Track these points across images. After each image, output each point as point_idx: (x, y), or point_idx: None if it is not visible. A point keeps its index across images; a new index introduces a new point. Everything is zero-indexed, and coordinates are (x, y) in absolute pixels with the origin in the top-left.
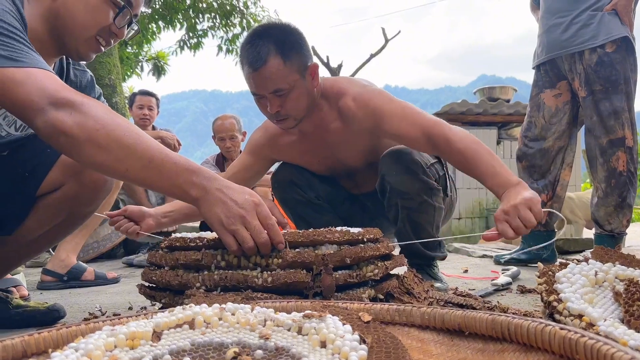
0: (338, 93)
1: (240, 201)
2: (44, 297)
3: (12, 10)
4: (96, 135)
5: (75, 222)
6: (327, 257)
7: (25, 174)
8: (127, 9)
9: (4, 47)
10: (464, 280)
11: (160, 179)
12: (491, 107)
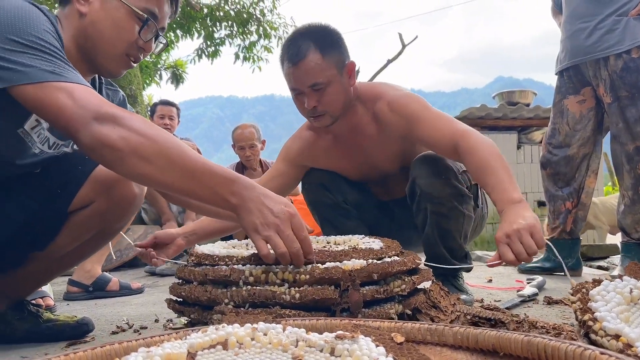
0: (374, 97)
1: (276, 210)
2: (70, 308)
3: (53, 31)
4: (140, 147)
5: (105, 238)
6: (354, 272)
7: (57, 191)
8: (151, 21)
9: (47, 63)
10: (488, 290)
11: (201, 189)
12: (511, 112)
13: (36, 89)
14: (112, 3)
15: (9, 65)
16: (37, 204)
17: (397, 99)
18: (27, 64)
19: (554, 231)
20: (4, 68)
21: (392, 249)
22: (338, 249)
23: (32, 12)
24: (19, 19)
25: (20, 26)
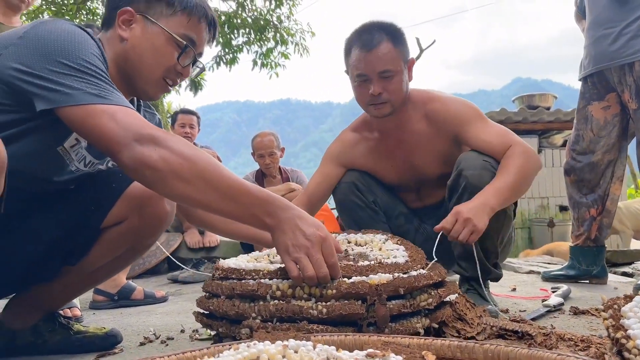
0: (428, 98)
1: (308, 233)
2: (96, 317)
3: (99, 54)
4: (180, 169)
5: (136, 254)
6: (381, 287)
7: (91, 208)
8: (189, 48)
9: (93, 86)
10: (513, 300)
11: (238, 209)
12: (531, 115)
13: (81, 110)
14: (152, 29)
15: (57, 87)
16: (72, 220)
17: (454, 100)
18: (74, 87)
19: (579, 239)
20: (52, 90)
21: (417, 261)
22: (364, 265)
23: (81, 37)
24: (69, 43)
25: (70, 50)
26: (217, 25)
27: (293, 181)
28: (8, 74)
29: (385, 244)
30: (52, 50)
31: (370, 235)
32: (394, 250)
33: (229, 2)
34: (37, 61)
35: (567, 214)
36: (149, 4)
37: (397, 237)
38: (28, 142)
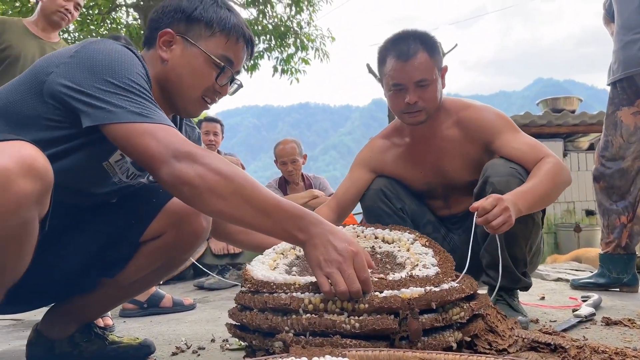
0: (462, 106)
1: (339, 248)
2: (127, 326)
3: (144, 74)
4: (216, 185)
5: (171, 268)
6: (413, 301)
7: (131, 222)
8: (227, 68)
9: (137, 105)
10: (542, 309)
11: (271, 225)
12: (555, 119)
13: (124, 128)
14: (192, 51)
15: (103, 104)
16: (112, 233)
17: (488, 109)
18: (119, 105)
19: (608, 246)
20: (97, 107)
21: (447, 274)
22: (395, 279)
23: (127, 56)
24: (117, 62)
25: (117, 69)
26: (254, 43)
27: (316, 188)
28: (58, 91)
29: (414, 245)
30: (101, 69)
31: (398, 233)
32: (422, 254)
33: (249, 10)
34: (85, 79)
35: (593, 218)
36: (188, 25)
37: (425, 237)
38: (75, 158)
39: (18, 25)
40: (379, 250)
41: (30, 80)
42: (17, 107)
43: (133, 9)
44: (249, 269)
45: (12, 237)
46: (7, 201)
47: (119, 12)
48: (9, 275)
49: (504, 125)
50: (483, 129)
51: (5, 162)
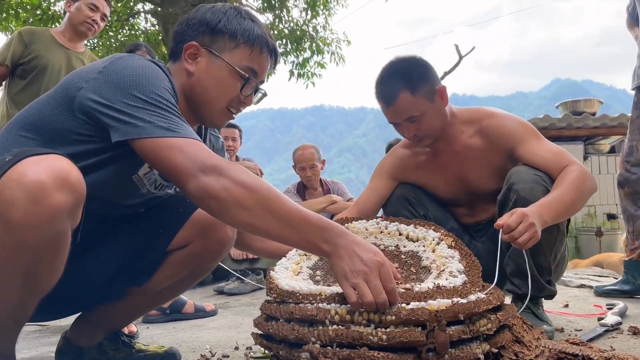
0: (483, 115)
1: (365, 258)
2: (150, 332)
3: (170, 88)
4: (242, 198)
5: (197, 277)
6: (440, 313)
7: (159, 231)
8: (252, 79)
9: (164, 119)
10: (567, 317)
11: (296, 237)
12: (575, 121)
13: (152, 143)
14: (216, 63)
15: (131, 119)
16: (140, 243)
17: (510, 117)
18: (146, 120)
19: (634, 252)
20: (126, 122)
21: (474, 283)
22: (422, 290)
23: (154, 71)
24: (144, 77)
25: (144, 84)
26: (278, 53)
27: (334, 193)
28: (88, 105)
29: (439, 246)
30: (129, 85)
31: (422, 230)
32: (448, 258)
33: (266, 15)
34: (114, 94)
35: (615, 222)
36: (213, 37)
37: (450, 235)
38: (105, 171)
39: (46, 36)
40: (404, 249)
41: (61, 95)
42: (48, 122)
43: (151, 15)
44: (273, 276)
45: (47, 248)
46: (42, 213)
47: (137, 18)
48: (42, 286)
49: (526, 133)
50: (505, 137)
51: (41, 175)
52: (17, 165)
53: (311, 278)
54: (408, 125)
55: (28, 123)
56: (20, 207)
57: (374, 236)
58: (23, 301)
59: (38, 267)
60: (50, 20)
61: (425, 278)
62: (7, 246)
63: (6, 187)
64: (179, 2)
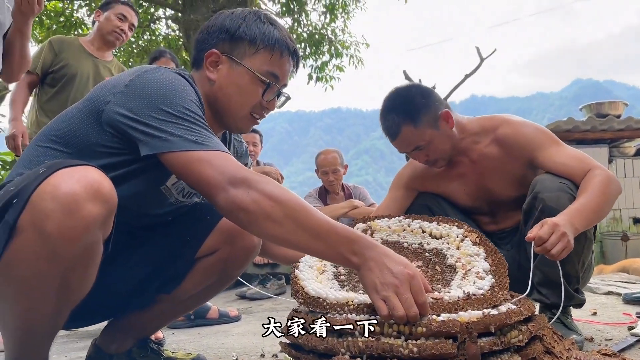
0: (497, 123)
1: (395, 271)
2: (176, 337)
3: (197, 100)
4: (271, 211)
5: (224, 284)
6: (471, 325)
7: (187, 239)
8: (273, 84)
9: (192, 133)
10: (595, 326)
11: (325, 249)
12: (600, 124)
13: (181, 157)
14: (237, 70)
15: (159, 134)
16: (168, 250)
17: (526, 124)
18: (175, 134)
19: None
20: (154, 136)
21: (502, 285)
22: (453, 299)
23: (180, 84)
24: (170, 91)
25: (171, 97)
26: (299, 55)
27: (356, 198)
28: (116, 119)
29: (464, 243)
30: (155, 98)
31: (446, 227)
32: (474, 256)
33: (285, 19)
34: (141, 108)
35: None
36: (233, 44)
37: (475, 231)
38: (134, 183)
39: (75, 44)
40: (428, 247)
41: (89, 108)
42: (77, 134)
43: (172, 21)
44: (298, 277)
45: (79, 259)
46: (76, 225)
47: (158, 24)
48: (75, 295)
49: (544, 140)
50: (524, 146)
51: (74, 187)
52: (50, 177)
53: (335, 277)
54: (417, 154)
55: (57, 135)
56: (54, 219)
57: (397, 234)
58: (57, 310)
59: (71, 277)
60: (74, 27)
61: (451, 278)
62: (42, 258)
63: (41, 200)
64: (200, 9)
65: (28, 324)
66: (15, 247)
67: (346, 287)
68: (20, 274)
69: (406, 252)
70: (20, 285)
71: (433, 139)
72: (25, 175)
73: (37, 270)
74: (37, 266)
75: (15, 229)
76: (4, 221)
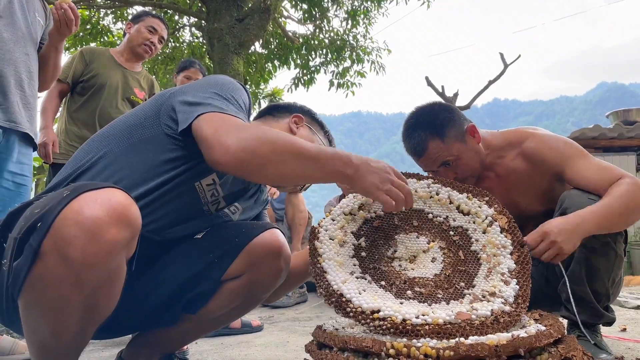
0: (523, 137)
1: (381, 167)
2: (199, 347)
3: (247, 98)
4: (268, 154)
5: (251, 306)
6: (500, 348)
7: (214, 260)
8: None
9: (224, 104)
10: (625, 343)
11: (320, 170)
12: (627, 131)
13: (201, 118)
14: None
15: (200, 101)
16: (195, 270)
17: (552, 137)
18: (209, 104)
19: None
20: (193, 105)
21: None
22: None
23: (238, 85)
24: (227, 84)
25: (225, 87)
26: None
27: None
28: (172, 104)
29: (492, 228)
30: (211, 85)
31: (476, 203)
32: (500, 249)
33: (307, 25)
34: (196, 92)
35: None
36: (312, 121)
37: (504, 214)
38: (173, 175)
39: (105, 55)
40: (453, 223)
41: (151, 107)
42: (133, 130)
43: (196, 28)
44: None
45: (103, 283)
46: (100, 251)
47: (182, 31)
48: (100, 315)
49: (571, 153)
50: (551, 160)
51: (97, 212)
52: (73, 201)
53: (356, 254)
54: (445, 171)
55: (111, 134)
56: (78, 246)
57: (423, 201)
58: (81, 329)
59: (96, 299)
60: (100, 34)
61: (474, 273)
62: (65, 282)
63: (64, 225)
64: (223, 17)
65: (53, 342)
66: (39, 272)
67: (368, 274)
68: (44, 297)
69: (430, 226)
70: (44, 307)
71: (461, 154)
72: (50, 196)
73: (61, 294)
74: (60, 290)
75: (39, 253)
76: (28, 244)
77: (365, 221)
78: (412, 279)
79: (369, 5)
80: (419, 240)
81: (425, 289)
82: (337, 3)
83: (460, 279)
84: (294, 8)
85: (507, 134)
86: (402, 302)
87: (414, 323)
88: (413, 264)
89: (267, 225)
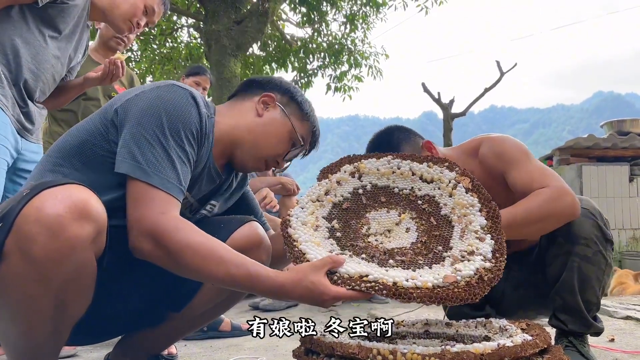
0: (478, 143)
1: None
2: (188, 350)
3: (195, 132)
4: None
5: (234, 301)
6: (486, 357)
7: None
8: (300, 147)
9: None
10: (613, 354)
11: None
12: (621, 141)
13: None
14: (283, 120)
15: (134, 151)
16: None
17: (502, 139)
18: (136, 163)
19: None
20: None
21: (502, 251)
22: (465, 278)
23: (185, 109)
24: (173, 114)
25: (170, 118)
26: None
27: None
28: (117, 127)
29: (457, 190)
30: (157, 116)
31: (437, 169)
32: (469, 207)
33: (305, 29)
34: (138, 126)
35: None
36: (289, 102)
37: (467, 175)
38: None
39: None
40: (419, 193)
41: (99, 119)
42: (84, 147)
43: (194, 29)
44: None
45: (70, 279)
46: (62, 247)
47: (179, 31)
48: (73, 312)
49: (515, 154)
50: (498, 161)
51: (58, 208)
52: (34, 199)
53: (332, 235)
54: None
55: (66, 149)
56: (40, 243)
57: (386, 177)
58: (55, 329)
59: (66, 296)
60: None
61: (449, 236)
62: (31, 280)
63: (25, 223)
64: (221, 19)
65: (28, 343)
66: (4, 272)
67: (347, 249)
68: (12, 297)
69: (398, 199)
70: (14, 308)
71: None
72: (11, 197)
73: (29, 293)
74: (26, 289)
75: (2, 253)
76: None
77: (334, 205)
78: (391, 250)
79: (368, 10)
80: (390, 215)
81: (406, 257)
82: (336, 7)
83: (437, 244)
84: (293, 11)
85: (464, 145)
86: (387, 269)
87: (405, 286)
88: (389, 238)
89: (245, 219)
